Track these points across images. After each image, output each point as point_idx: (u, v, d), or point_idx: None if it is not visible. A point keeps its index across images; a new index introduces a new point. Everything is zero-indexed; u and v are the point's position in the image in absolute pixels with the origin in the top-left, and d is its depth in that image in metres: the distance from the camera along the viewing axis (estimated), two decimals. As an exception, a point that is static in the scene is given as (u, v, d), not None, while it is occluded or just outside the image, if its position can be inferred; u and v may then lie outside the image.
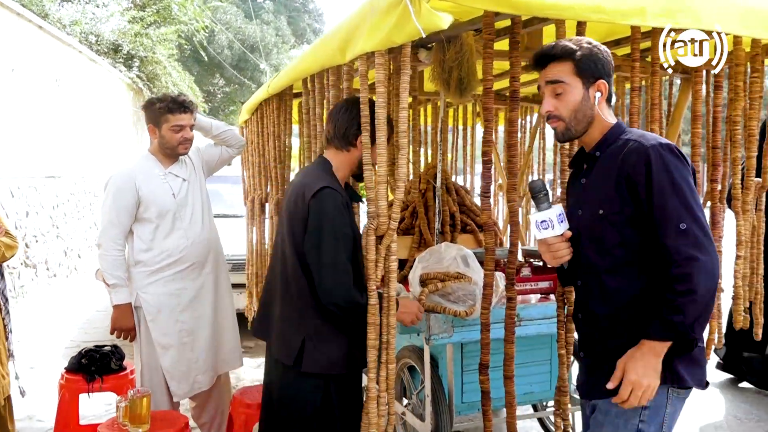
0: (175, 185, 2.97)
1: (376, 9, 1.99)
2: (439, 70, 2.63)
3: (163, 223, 2.91)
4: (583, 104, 1.76)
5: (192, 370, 2.98)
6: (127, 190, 2.87)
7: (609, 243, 1.72)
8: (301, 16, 30.53)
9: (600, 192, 1.75)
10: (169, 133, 2.92)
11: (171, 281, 2.94)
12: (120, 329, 2.92)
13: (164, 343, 2.94)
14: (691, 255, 1.57)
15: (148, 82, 12.63)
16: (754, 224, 2.84)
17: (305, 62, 2.80)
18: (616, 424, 1.72)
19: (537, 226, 1.74)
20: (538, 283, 3.07)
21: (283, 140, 3.60)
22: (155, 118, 2.93)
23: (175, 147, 2.96)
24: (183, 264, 2.95)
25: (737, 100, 2.69)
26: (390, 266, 2.13)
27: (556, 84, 1.76)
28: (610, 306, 1.74)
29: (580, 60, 1.75)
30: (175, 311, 2.95)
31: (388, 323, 2.14)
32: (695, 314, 1.58)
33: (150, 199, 2.89)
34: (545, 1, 1.96)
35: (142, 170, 2.95)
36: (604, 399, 1.74)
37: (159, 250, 2.91)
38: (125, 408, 2.46)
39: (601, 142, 1.80)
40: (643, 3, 2.10)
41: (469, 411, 3.06)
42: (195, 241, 2.98)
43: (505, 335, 2.32)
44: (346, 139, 2.23)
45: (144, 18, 12.95)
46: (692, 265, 1.57)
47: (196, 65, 22.60)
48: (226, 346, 3.12)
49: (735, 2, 2.26)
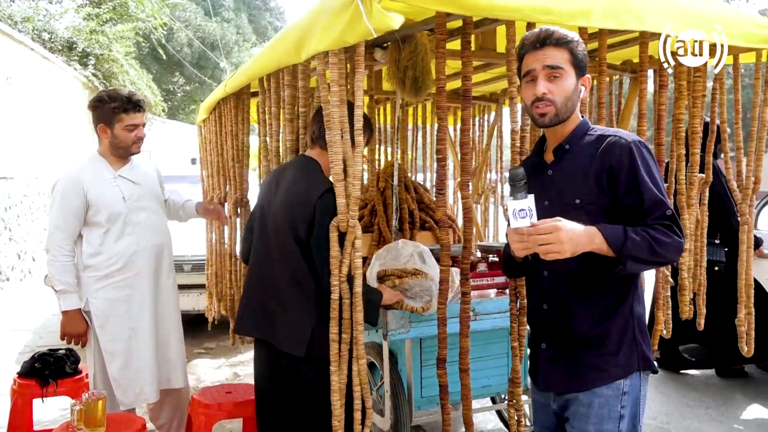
0: (125, 188, 2.91)
1: (328, 9, 2.01)
2: (395, 69, 2.66)
3: (114, 227, 2.85)
4: (573, 94, 1.79)
5: (139, 379, 2.90)
6: (74, 194, 2.80)
7: None
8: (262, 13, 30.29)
9: (574, 183, 1.78)
10: (123, 132, 2.86)
11: (120, 287, 2.87)
12: (70, 335, 2.85)
13: (112, 350, 2.86)
14: (676, 232, 1.66)
15: (105, 80, 12.35)
16: (698, 218, 2.95)
17: (262, 61, 2.80)
18: (600, 414, 1.76)
19: (514, 214, 1.71)
20: (494, 278, 3.13)
21: (241, 139, 3.59)
22: (107, 117, 2.85)
23: (129, 146, 2.90)
24: (133, 270, 2.89)
25: (681, 99, 2.79)
26: (355, 262, 2.14)
27: (555, 69, 1.76)
28: (583, 293, 1.78)
29: (577, 51, 1.78)
30: (124, 318, 2.88)
31: (355, 319, 2.16)
32: (640, 256, 1.63)
33: (99, 202, 2.82)
34: (495, 2, 2.02)
35: (90, 172, 2.87)
36: (584, 392, 1.77)
37: (108, 255, 2.85)
38: (80, 411, 2.42)
39: (571, 135, 1.83)
40: (589, 5, 2.18)
41: (428, 405, 3.10)
42: (146, 246, 2.92)
43: (461, 329, 2.37)
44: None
45: (100, 15, 12.66)
46: (672, 238, 1.65)
47: (155, 63, 22.23)
48: (170, 362, 3.05)
49: (675, 5, 2.36)
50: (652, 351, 1.90)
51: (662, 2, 2.33)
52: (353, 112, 2.06)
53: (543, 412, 1.94)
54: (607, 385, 1.76)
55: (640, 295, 1.85)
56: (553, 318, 1.84)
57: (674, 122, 2.84)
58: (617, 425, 1.76)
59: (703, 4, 2.47)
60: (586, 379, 1.78)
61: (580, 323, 1.78)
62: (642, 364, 1.78)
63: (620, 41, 2.89)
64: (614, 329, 1.77)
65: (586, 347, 1.77)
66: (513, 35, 2.33)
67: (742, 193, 2.96)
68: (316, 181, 2.30)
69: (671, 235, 1.66)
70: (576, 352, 1.79)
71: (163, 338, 3.02)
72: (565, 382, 1.82)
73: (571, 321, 1.79)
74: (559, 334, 1.83)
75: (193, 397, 2.93)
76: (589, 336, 1.77)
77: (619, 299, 1.78)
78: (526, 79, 1.81)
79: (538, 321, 1.90)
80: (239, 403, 2.86)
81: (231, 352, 5.37)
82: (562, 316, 1.81)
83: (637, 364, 1.77)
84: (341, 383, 2.16)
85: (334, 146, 2.08)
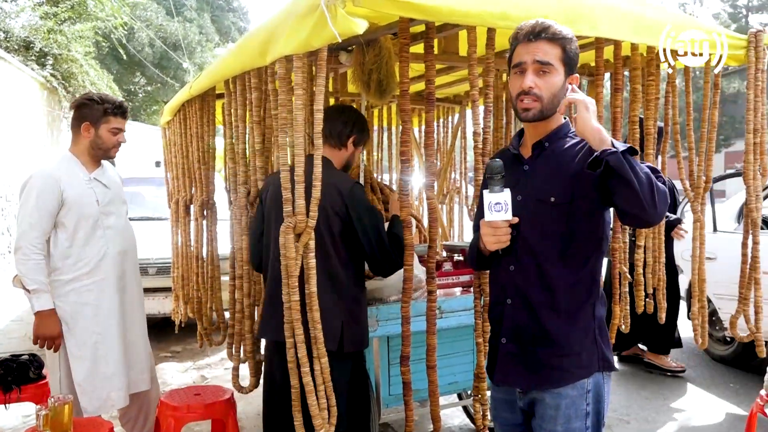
0: (99, 192, 2.91)
1: (294, 13, 2.04)
2: (360, 72, 2.71)
3: (82, 230, 2.83)
4: (560, 91, 1.76)
5: (105, 386, 2.88)
6: (50, 192, 2.77)
7: (553, 231, 1.76)
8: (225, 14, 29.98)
9: (552, 181, 1.77)
10: (107, 134, 2.91)
11: (88, 291, 2.85)
12: (43, 337, 2.78)
13: (78, 355, 2.84)
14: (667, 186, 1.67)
15: (64, 80, 12.08)
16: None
17: (227, 64, 2.81)
18: (567, 414, 1.79)
19: (490, 207, 1.72)
20: (459, 277, 3.20)
21: (207, 141, 3.59)
22: (95, 117, 2.88)
23: (109, 149, 2.94)
24: (101, 274, 2.87)
25: (635, 102, 2.90)
26: (309, 263, 2.17)
27: (545, 65, 1.74)
28: (549, 291, 1.78)
29: (569, 49, 1.77)
30: (91, 322, 2.86)
31: (312, 318, 2.18)
32: (634, 164, 1.59)
33: (73, 201, 2.80)
34: (455, 8, 2.08)
35: (65, 172, 2.86)
36: (550, 393, 1.79)
37: (76, 258, 2.83)
38: (45, 416, 2.40)
39: (552, 134, 1.82)
40: (546, 11, 2.25)
41: (396, 403, 3.14)
42: (115, 251, 2.92)
43: (427, 327, 2.43)
44: (339, 139, 2.55)
45: (58, 14, 12.37)
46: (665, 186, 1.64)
47: (115, 63, 21.79)
48: (137, 365, 3.04)
49: (627, 13, 2.46)
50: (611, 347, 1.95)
51: (615, 10, 2.42)
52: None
53: (506, 409, 1.94)
54: (571, 385, 1.79)
55: (603, 297, 1.87)
56: (517, 313, 1.83)
57: (629, 124, 2.94)
58: (584, 423, 1.80)
59: (654, 12, 2.58)
60: (549, 379, 1.80)
61: (543, 320, 1.78)
62: (602, 364, 1.81)
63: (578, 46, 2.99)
64: (577, 329, 1.79)
65: (547, 345, 1.78)
66: (474, 40, 2.40)
67: (694, 192, 3.08)
68: (341, 176, 2.51)
69: (663, 178, 1.65)
70: (537, 349, 1.80)
71: (131, 343, 3.00)
72: (525, 379, 1.83)
73: (534, 317, 1.79)
74: (521, 330, 1.82)
75: (161, 400, 2.92)
76: (551, 334, 1.78)
77: (582, 300, 1.80)
78: (515, 70, 1.79)
79: (500, 316, 1.88)
80: (209, 405, 2.86)
81: (198, 355, 5.34)
82: (526, 311, 1.81)
83: (597, 364, 1.80)
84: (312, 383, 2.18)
85: (297, 148, 2.11)
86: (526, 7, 2.19)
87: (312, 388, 2.15)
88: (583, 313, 1.80)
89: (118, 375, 2.91)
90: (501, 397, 1.95)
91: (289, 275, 2.12)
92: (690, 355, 5.27)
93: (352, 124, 2.57)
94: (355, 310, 2.44)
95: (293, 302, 2.14)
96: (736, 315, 3.09)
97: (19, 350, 3.64)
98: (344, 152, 2.60)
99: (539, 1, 2.25)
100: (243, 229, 2.75)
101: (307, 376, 2.16)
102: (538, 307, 1.79)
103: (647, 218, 1.63)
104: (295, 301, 2.14)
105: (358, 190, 2.46)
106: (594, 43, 2.73)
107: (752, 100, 2.91)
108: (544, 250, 1.77)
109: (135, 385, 3.03)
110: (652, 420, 3.95)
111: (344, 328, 2.40)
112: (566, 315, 1.78)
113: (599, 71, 2.72)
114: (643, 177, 1.58)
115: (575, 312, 1.79)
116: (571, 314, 1.78)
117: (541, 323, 1.79)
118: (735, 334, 3.17)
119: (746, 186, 3.03)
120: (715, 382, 4.65)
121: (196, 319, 3.95)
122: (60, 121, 12.49)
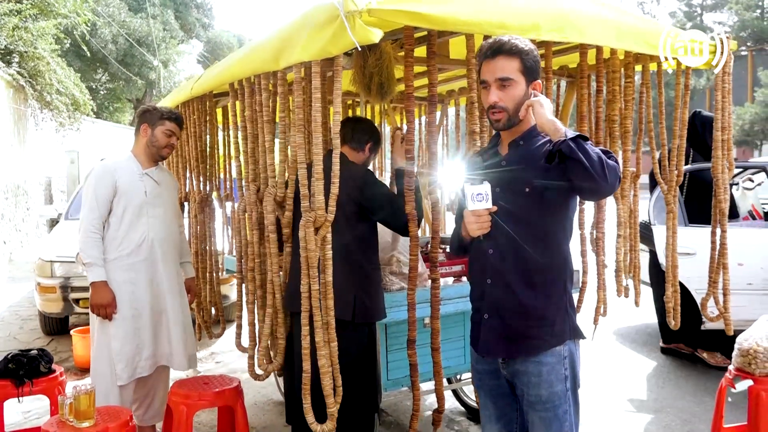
0: (149, 185, 3.26)
1: (311, 23, 2.20)
2: (360, 75, 2.86)
3: (128, 216, 3.17)
4: (523, 99, 1.98)
5: (136, 355, 3.20)
6: (106, 180, 3.16)
7: (528, 217, 1.99)
8: (189, 10, 29.61)
9: (526, 173, 1.99)
10: (161, 135, 3.27)
11: (127, 270, 3.17)
12: (97, 305, 3.11)
13: (116, 329, 3.14)
14: (615, 160, 1.89)
15: (30, 79, 11.88)
16: (631, 207, 3.31)
17: (235, 67, 2.95)
18: (549, 380, 2.02)
19: (472, 198, 1.93)
20: (451, 267, 3.39)
21: (204, 140, 3.70)
22: (153, 119, 3.27)
23: (161, 148, 3.30)
24: (142, 255, 3.20)
25: (614, 102, 3.13)
26: (326, 254, 2.34)
27: (505, 80, 1.96)
28: (525, 270, 2.00)
29: (526, 59, 1.97)
30: (130, 299, 3.16)
31: (326, 306, 2.35)
32: (584, 146, 1.83)
33: (123, 190, 3.17)
34: (459, 18, 2.27)
35: (122, 166, 3.26)
36: (531, 362, 2.01)
37: (120, 240, 3.16)
38: (70, 405, 2.51)
39: (525, 134, 2.06)
40: (538, 20, 2.46)
41: (394, 387, 3.32)
42: (156, 238, 3.24)
43: (432, 312, 2.62)
44: (360, 142, 2.88)
45: (22, 11, 12.14)
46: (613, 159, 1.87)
47: (78, 60, 21.38)
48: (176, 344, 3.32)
49: (610, 20, 2.68)
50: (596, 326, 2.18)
51: (600, 18, 2.64)
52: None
53: (491, 378, 2.15)
54: (549, 352, 2.01)
55: (572, 275, 2.11)
56: (496, 291, 2.05)
57: (609, 122, 3.16)
58: (565, 385, 2.04)
59: (635, 20, 2.81)
60: (528, 347, 2.02)
61: (520, 296, 2.00)
62: (572, 333, 2.06)
63: (558, 49, 3.21)
64: (550, 303, 2.03)
65: (525, 318, 2.01)
66: (472, 46, 2.59)
67: (667, 184, 3.34)
68: (355, 167, 2.79)
69: (614, 157, 1.89)
70: (516, 322, 2.02)
71: (169, 321, 3.30)
72: (506, 349, 2.05)
73: (512, 294, 2.01)
74: (501, 306, 2.04)
75: (171, 389, 3.04)
76: (528, 307, 2.00)
77: (555, 277, 2.04)
78: (483, 86, 2.04)
79: (482, 294, 2.10)
80: (218, 393, 3.00)
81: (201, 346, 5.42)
82: (505, 289, 2.03)
83: (569, 333, 2.04)
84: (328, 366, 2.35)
85: (316, 147, 2.28)
86: (522, 17, 2.40)
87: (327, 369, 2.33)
88: (555, 289, 2.03)
89: (147, 347, 3.23)
90: (484, 368, 2.17)
91: (309, 266, 2.29)
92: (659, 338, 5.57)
93: (371, 132, 2.96)
94: (365, 285, 2.71)
95: (313, 291, 2.30)
96: (706, 297, 3.36)
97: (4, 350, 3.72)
98: (362, 155, 2.92)
99: (531, 12, 2.46)
100: (254, 224, 2.89)
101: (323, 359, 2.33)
102: (515, 285, 2.01)
103: (600, 189, 1.86)
104: (315, 290, 2.31)
105: (369, 175, 2.83)
106: (577, 47, 2.96)
107: (720, 100, 3.17)
108: (519, 235, 1.99)
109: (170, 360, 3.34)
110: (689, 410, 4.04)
111: (356, 300, 2.65)
112: (541, 290, 2.01)
113: (583, 74, 2.94)
114: (593, 155, 1.82)
115: (548, 288, 2.02)
116: (545, 290, 2.01)
117: (519, 299, 2.01)
118: (705, 315, 3.45)
119: (714, 179, 3.30)
120: (683, 362, 4.95)
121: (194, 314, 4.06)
122: (26, 120, 12.28)
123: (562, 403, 2.03)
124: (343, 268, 2.57)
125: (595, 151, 1.84)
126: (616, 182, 1.89)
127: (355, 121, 3.03)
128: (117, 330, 3.15)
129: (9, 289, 8.24)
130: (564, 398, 2.03)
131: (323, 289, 2.34)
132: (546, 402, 2.03)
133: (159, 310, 3.27)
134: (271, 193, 2.69)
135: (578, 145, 1.82)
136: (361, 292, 2.69)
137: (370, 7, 2.06)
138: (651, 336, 5.72)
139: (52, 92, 12.08)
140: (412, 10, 2.16)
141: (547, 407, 2.03)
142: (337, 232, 2.48)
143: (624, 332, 5.91)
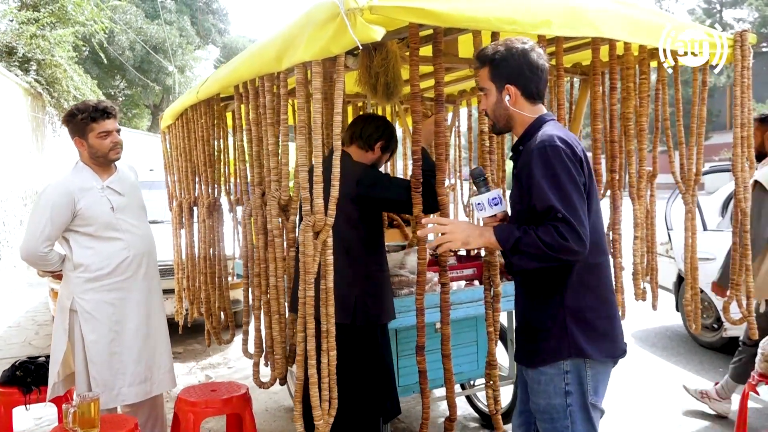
0: (113, 199, 2.98)
1: (312, 22, 2.13)
2: (366, 75, 2.80)
3: (102, 235, 2.92)
4: (497, 105, 2.02)
5: (117, 381, 2.96)
6: (65, 205, 2.85)
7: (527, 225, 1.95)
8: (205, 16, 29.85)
9: (514, 189, 2.00)
10: (97, 141, 2.92)
11: (108, 290, 2.94)
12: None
13: (94, 351, 2.91)
14: (562, 234, 1.77)
15: (48, 86, 12.00)
16: (648, 208, 3.20)
17: (239, 69, 2.90)
18: (547, 391, 1.98)
19: (489, 203, 2.03)
20: (462, 271, 3.32)
21: (212, 144, 3.67)
22: (79, 129, 2.92)
23: (106, 154, 2.96)
24: (121, 275, 2.96)
25: (629, 99, 3.03)
26: (326, 259, 2.27)
27: (482, 90, 2.06)
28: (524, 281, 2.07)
29: (493, 66, 1.99)
30: (109, 320, 2.94)
31: (327, 312, 2.28)
32: (528, 251, 1.82)
33: (88, 215, 2.89)
34: (465, 14, 2.19)
35: (80, 183, 2.93)
36: (532, 369, 2.02)
37: (100, 258, 2.92)
38: (74, 413, 2.47)
39: (523, 137, 2.02)
40: (549, 16, 2.38)
41: (405, 393, 3.26)
42: (135, 252, 3.00)
43: (441, 317, 2.54)
44: (368, 141, 2.75)
45: (39, 19, 12.29)
46: (554, 237, 1.77)
47: (96, 67, 21.65)
48: (163, 366, 3.12)
49: (623, 14, 2.59)
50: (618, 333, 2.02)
51: (613, 12, 2.55)
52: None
53: (521, 377, 2.20)
54: (549, 365, 1.96)
55: (577, 289, 1.94)
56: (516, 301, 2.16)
57: (623, 120, 3.06)
58: (564, 400, 1.96)
59: (649, 15, 2.72)
60: (526, 357, 2.06)
61: (521, 306, 2.08)
62: (574, 351, 1.92)
63: (570, 46, 3.12)
64: (544, 316, 1.96)
65: (523, 328, 2.06)
66: (479, 43, 2.51)
67: (685, 184, 3.23)
68: (354, 165, 2.68)
69: (554, 235, 1.76)
70: (519, 330, 2.10)
71: (154, 342, 3.09)
72: (517, 353, 2.13)
73: (518, 303, 2.12)
74: (517, 312, 2.16)
75: (179, 397, 2.99)
76: (525, 318, 2.06)
77: (549, 291, 1.96)
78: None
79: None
80: (226, 400, 2.95)
81: (200, 356, 5.41)
82: (517, 297, 2.12)
83: (567, 351, 1.93)
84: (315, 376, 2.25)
85: (316, 149, 2.21)
86: (532, 12, 2.32)
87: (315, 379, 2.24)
88: (551, 301, 1.96)
89: (131, 372, 2.98)
90: (518, 366, 2.21)
91: (306, 272, 2.22)
92: (680, 342, 5.46)
93: (383, 130, 2.78)
94: (367, 287, 2.63)
95: (308, 297, 2.23)
96: (728, 300, 3.24)
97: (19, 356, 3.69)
98: (371, 155, 2.77)
99: (542, 6, 2.37)
100: (259, 228, 2.84)
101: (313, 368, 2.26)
102: (520, 294, 2.11)
103: (574, 257, 1.84)
104: (310, 297, 2.24)
105: (366, 170, 2.68)
106: (590, 43, 2.87)
107: (739, 96, 3.06)
108: None
109: (160, 386, 3.12)
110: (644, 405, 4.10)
111: (357, 303, 2.59)
112: (535, 302, 2.02)
113: (596, 71, 2.85)
114: (538, 251, 1.80)
115: (541, 300, 1.99)
116: (538, 302, 2.00)
117: (520, 308, 2.11)
118: (728, 318, 3.33)
119: (735, 177, 3.18)
120: (704, 367, 4.83)
121: (203, 319, 4.02)
122: (44, 127, 12.41)
123: (561, 417, 1.97)
124: (344, 271, 2.49)
125: (538, 240, 1.79)
126: (579, 241, 1.78)
127: (365, 119, 2.86)
128: (93, 354, 2.92)
129: (27, 295, 8.30)
130: (564, 413, 1.97)
131: (323, 295, 2.27)
132: (543, 412, 2.01)
133: (146, 333, 3.04)
134: (275, 197, 2.63)
135: (521, 258, 1.86)
136: (363, 293, 2.62)
137: (371, 4, 2.00)
138: (671, 339, 5.60)
139: (69, 99, 12.18)
140: (415, 6, 2.09)
141: (545, 418, 2.01)
142: (338, 233, 2.41)
143: (642, 335, 5.79)
